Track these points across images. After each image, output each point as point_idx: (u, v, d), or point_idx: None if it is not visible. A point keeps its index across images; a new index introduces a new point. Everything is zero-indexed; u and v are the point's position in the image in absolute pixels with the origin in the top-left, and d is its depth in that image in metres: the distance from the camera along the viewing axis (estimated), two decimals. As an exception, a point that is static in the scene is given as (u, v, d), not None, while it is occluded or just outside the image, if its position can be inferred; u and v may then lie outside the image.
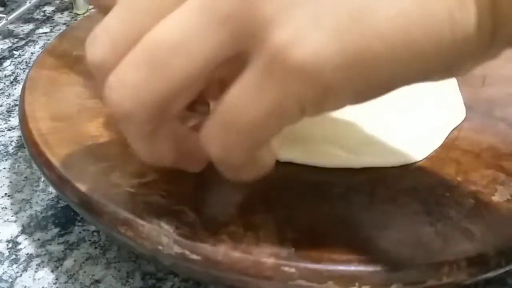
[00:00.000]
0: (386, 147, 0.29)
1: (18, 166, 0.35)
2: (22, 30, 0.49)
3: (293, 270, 0.23)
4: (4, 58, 0.45)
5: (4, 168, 0.35)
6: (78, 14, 0.51)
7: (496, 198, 0.26)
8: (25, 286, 0.28)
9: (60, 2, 0.53)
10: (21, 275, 0.28)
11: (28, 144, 0.29)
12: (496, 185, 0.27)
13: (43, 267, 0.29)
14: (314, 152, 0.28)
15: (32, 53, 0.46)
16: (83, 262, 0.29)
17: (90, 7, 0.52)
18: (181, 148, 0.23)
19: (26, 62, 0.45)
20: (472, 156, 0.29)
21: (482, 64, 0.20)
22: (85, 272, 0.28)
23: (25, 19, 0.50)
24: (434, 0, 0.18)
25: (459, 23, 0.18)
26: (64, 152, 0.28)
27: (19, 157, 0.35)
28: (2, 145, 0.36)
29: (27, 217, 0.31)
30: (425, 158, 0.28)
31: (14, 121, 0.38)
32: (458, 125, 0.31)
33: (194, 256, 0.23)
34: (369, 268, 0.23)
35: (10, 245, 0.30)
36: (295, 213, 0.25)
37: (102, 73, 0.21)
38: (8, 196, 0.33)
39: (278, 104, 0.19)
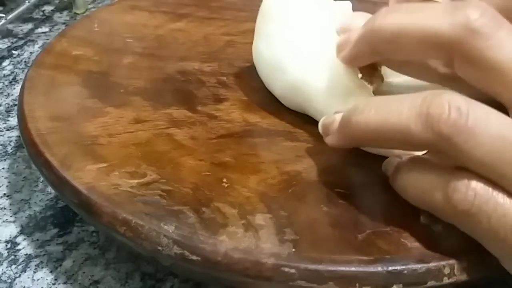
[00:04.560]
0: None
1: (17, 166, 0.35)
2: (21, 30, 0.49)
3: (293, 270, 0.23)
4: (3, 58, 0.45)
5: (3, 168, 0.34)
6: (77, 14, 0.51)
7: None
8: (24, 287, 0.28)
9: (59, 2, 0.53)
10: (20, 275, 0.28)
11: (27, 144, 0.29)
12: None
13: (42, 267, 0.29)
14: None
15: (31, 52, 0.46)
16: (82, 263, 0.29)
17: (90, 6, 0.52)
18: None
19: (25, 61, 0.44)
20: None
21: None
22: (84, 272, 0.28)
23: (24, 18, 0.50)
24: None
25: None
26: (63, 152, 0.28)
27: (18, 157, 0.35)
28: (1, 145, 0.36)
29: (26, 217, 0.31)
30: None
31: (13, 121, 0.38)
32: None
33: (194, 257, 0.23)
34: (370, 269, 0.23)
35: (9, 246, 0.30)
36: (295, 213, 0.25)
37: None
38: (7, 196, 0.33)
39: None
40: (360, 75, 0.29)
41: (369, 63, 0.28)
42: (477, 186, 0.21)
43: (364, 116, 0.24)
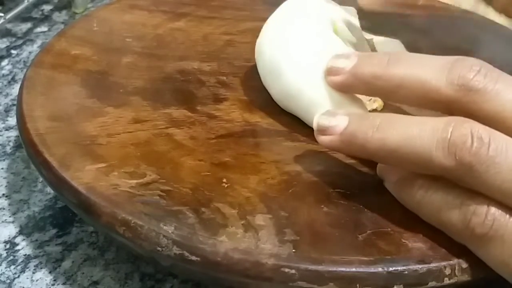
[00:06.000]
0: None
1: (16, 166, 0.35)
2: (20, 29, 0.48)
3: (293, 271, 0.23)
4: (2, 57, 0.45)
5: (2, 168, 0.34)
6: (76, 13, 0.51)
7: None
8: (23, 287, 0.27)
9: (58, 1, 0.53)
10: (19, 276, 0.28)
11: (26, 144, 0.29)
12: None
13: (41, 268, 0.28)
14: None
15: (30, 52, 0.45)
16: (81, 263, 0.29)
17: (89, 5, 0.52)
18: None
19: (24, 61, 0.44)
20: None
21: None
22: (83, 273, 0.28)
23: (23, 18, 0.50)
24: None
25: None
26: (62, 152, 0.28)
27: (17, 157, 0.35)
28: (0, 145, 0.36)
29: (25, 217, 0.31)
30: None
31: (12, 120, 0.38)
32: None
33: (193, 257, 0.23)
34: (370, 270, 0.23)
35: (8, 246, 0.30)
36: (295, 214, 0.25)
37: None
38: (6, 196, 0.32)
39: None
40: None
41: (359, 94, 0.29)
42: (496, 211, 0.22)
43: (381, 134, 0.24)
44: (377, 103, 0.31)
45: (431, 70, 0.24)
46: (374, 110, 0.31)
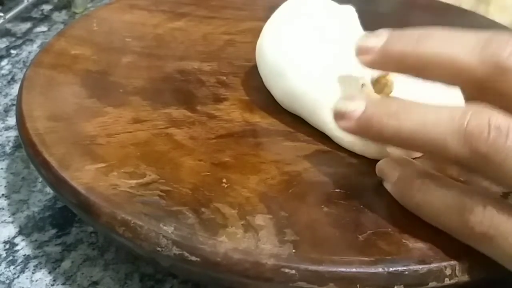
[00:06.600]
0: None
1: (16, 166, 0.35)
2: (19, 29, 0.48)
3: (293, 271, 0.23)
4: (1, 57, 0.45)
5: (1, 168, 0.34)
6: (75, 13, 0.51)
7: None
8: (22, 288, 0.27)
9: (58, 1, 0.53)
10: (18, 276, 0.28)
11: (25, 144, 0.29)
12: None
13: (41, 268, 0.28)
14: None
15: (29, 52, 0.45)
16: (81, 264, 0.29)
17: (88, 5, 0.52)
18: None
19: (23, 61, 0.44)
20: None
21: None
22: (83, 273, 0.28)
23: (22, 17, 0.50)
24: None
25: None
26: (61, 152, 0.28)
27: (17, 157, 0.35)
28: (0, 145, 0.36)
29: (24, 218, 0.31)
30: None
31: (12, 120, 0.38)
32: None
33: (193, 258, 0.23)
34: (371, 270, 0.23)
35: (7, 246, 0.29)
36: (295, 214, 0.25)
37: None
38: (5, 196, 0.32)
39: None
40: (361, 85, 0.29)
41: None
42: (493, 209, 0.22)
43: (397, 120, 0.23)
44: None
45: (462, 47, 0.23)
46: None
